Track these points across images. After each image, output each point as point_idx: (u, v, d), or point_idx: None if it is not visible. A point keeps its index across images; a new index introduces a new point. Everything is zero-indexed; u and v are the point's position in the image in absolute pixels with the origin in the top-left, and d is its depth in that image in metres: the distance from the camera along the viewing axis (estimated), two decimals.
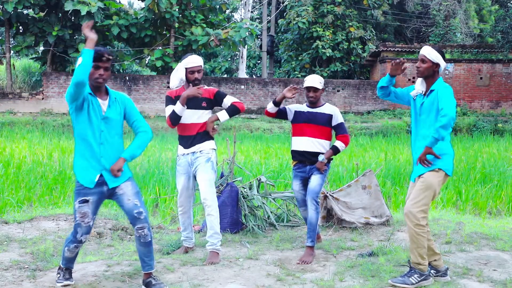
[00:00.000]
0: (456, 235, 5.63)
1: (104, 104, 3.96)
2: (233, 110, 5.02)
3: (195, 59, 4.95)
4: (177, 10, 21.87)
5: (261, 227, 6.01)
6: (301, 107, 5.28)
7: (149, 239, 4.02)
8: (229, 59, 37.13)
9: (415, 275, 4.15)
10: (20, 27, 22.52)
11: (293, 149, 5.25)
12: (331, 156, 5.16)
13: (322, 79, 5.21)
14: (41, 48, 24.09)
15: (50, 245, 5.09)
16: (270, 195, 6.42)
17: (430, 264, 4.31)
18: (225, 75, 35.41)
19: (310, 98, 5.16)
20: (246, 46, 25.71)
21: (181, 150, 5.04)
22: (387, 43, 24.63)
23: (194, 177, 5.03)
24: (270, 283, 4.25)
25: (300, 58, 28.04)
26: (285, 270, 4.58)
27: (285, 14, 29.33)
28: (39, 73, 23.88)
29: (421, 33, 31.00)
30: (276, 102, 5.16)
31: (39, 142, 14.09)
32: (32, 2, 20.62)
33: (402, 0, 29.57)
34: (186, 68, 4.94)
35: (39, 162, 9.87)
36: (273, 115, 5.27)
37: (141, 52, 22.99)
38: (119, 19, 21.97)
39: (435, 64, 4.21)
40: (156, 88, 22.49)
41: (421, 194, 4.08)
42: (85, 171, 3.92)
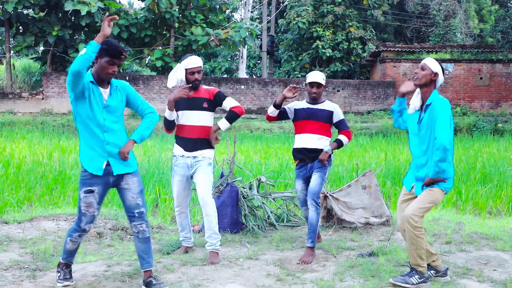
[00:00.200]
0: (456, 235, 5.63)
1: (106, 93, 3.99)
2: (233, 117, 5.01)
3: (195, 60, 4.95)
4: (177, 10, 21.87)
5: (261, 227, 6.01)
6: (301, 104, 5.28)
7: (148, 235, 4.04)
8: (229, 59, 37.14)
9: (416, 276, 4.16)
10: (20, 27, 22.52)
11: (294, 147, 5.26)
12: (334, 149, 5.19)
13: (324, 76, 5.22)
14: (41, 48, 24.10)
15: (50, 245, 5.09)
16: (270, 195, 6.42)
17: (429, 265, 4.31)
18: (225, 75, 35.41)
19: (313, 94, 5.15)
20: (246, 46, 25.72)
21: (180, 151, 5.01)
22: (387, 43, 24.63)
23: (191, 177, 5.03)
24: (270, 283, 4.25)
25: (300, 58, 28.04)
26: (285, 270, 4.58)
27: (285, 14, 29.33)
28: (39, 73, 23.88)
29: (421, 33, 31.00)
30: (277, 105, 5.16)
31: (39, 142, 14.09)
32: (32, 2, 20.62)
33: (402, 0, 29.57)
34: (186, 69, 4.94)
35: (39, 162, 9.87)
36: (275, 119, 5.27)
37: (141, 52, 22.99)
38: (119, 19, 21.97)
39: (434, 73, 4.18)
40: (156, 88, 22.49)
41: (426, 204, 4.12)
42: (92, 159, 3.94)
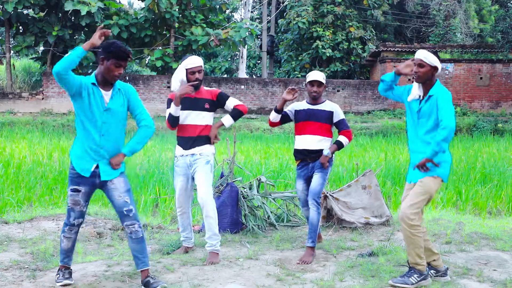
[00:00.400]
0: (456, 235, 5.63)
1: (107, 95, 3.98)
2: (237, 114, 5.03)
3: (195, 60, 4.95)
4: (177, 10, 21.86)
5: (261, 227, 6.01)
6: (301, 105, 5.27)
7: (141, 235, 4.04)
8: (229, 59, 37.13)
9: (415, 275, 4.16)
10: (20, 27, 22.51)
11: (295, 148, 5.26)
12: (335, 151, 5.18)
13: (324, 76, 5.21)
14: (41, 48, 24.09)
15: (50, 245, 5.09)
16: (270, 195, 6.42)
17: (430, 264, 4.31)
18: (225, 75, 35.41)
19: (313, 93, 5.13)
20: (246, 46, 25.71)
21: (180, 151, 5.03)
22: (387, 43, 24.63)
23: (192, 178, 5.03)
24: (270, 283, 4.24)
25: (300, 58, 28.03)
26: (285, 270, 4.58)
27: (285, 14, 29.32)
28: (39, 73, 23.87)
29: (421, 33, 31.00)
30: (278, 109, 5.16)
31: (39, 142, 14.09)
32: (32, 2, 20.61)
33: (402, 0, 29.57)
34: (187, 69, 4.94)
35: (39, 162, 9.87)
36: (278, 124, 5.28)
37: (141, 52, 22.99)
38: (119, 19, 21.96)
39: (433, 68, 4.19)
40: (156, 88, 22.49)
41: (418, 197, 4.09)
42: (82, 159, 3.97)
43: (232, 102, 5.05)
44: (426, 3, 29.51)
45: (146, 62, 24.98)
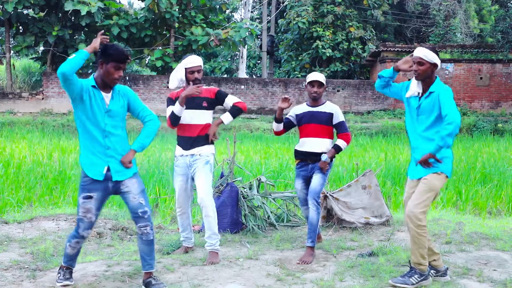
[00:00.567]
0: (456, 235, 5.63)
1: (108, 97, 3.99)
2: (236, 111, 5.02)
3: (195, 59, 4.95)
4: (177, 10, 21.86)
5: (261, 227, 6.01)
6: (301, 108, 5.27)
7: (151, 238, 4.03)
8: (229, 59, 37.13)
9: (416, 275, 4.15)
10: (20, 27, 22.51)
11: (297, 149, 5.26)
12: (333, 156, 5.16)
13: (324, 77, 5.21)
14: (41, 48, 24.09)
15: (50, 245, 5.09)
16: (270, 195, 6.42)
17: (430, 264, 4.30)
18: (225, 75, 35.40)
19: (314, 94, 5.13)
20: (246, 46, 25.71)
21: (180, 151, 5.03)
22: (387, 43, 24.63)
23: (192, 178, 5.03)
24: (270, 283, 4.24)
25: (300, 58, 28.03)
26: (285, 270, 4.58)
27: (285, 14, 29.32)
28: (39, 73, 23.87)
29: (421, 33, 30.99)
30: (278, 119, 5.17)
31: (39, 142, 14.09)
32: (32, 2, 20.61)
33: (402, 0, 29.56)
34: (186, 69, 4.94)
35: (39, 162, 9.87)
36: (283, 132, 5.29)
37: (141, 52, 22.99)
38: (119, 19, 21.96)
39: (433, 65, 4.18)
40: (156, 88, 22.49)
41: (424, 196, 4.08)
42: (93, 164, 3.94)
43: (231, 100, 5.04)
44: (426, 3, 29.50)
45: (146, 62, 24.98)
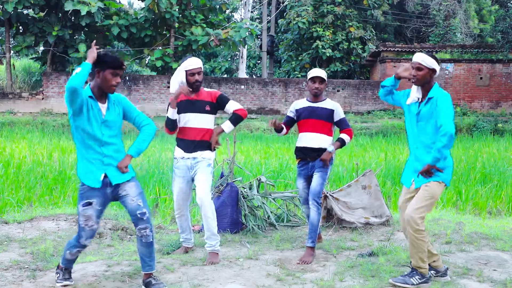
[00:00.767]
0: (456, 235, 5.63)
1: (104, 107, 3.99)
2: (237, 119, 5.01)
3: (195, 61, 4.95)
4: (177, 10, 21.85)
5: (261, 227, 6.01)
6: (301, 103, 5.27)
7: (151, 240, 4.02)
8: (229, 59, 37.12)
9: (417, 277, 4.16)
10: (20, 27, 22.51)
11: (296, 146, 5.26)
12: (337, 148, 5.18)
13: (325, 73, 5.22)
14: (41, 48, 24.08)
15: (50, 245, 5.09)
16: (270, 195, 6.42)
17: (430, 265, 4.31)
18: (225, 75, 35.40)
19: (315, 90, 5.13)
20: (246, 46, 25.70)
21: (180, 153, 5.01)
22: (387, 43, 24.63)
23: (192, 180, 5.02)
24: (270, 283, 4.25)
25: (300, 58, 28.03)
26: (285, 270, 4.58)
27: (285, 14, 29.31)
28: (39, 73, 23.87)
29: (421, 33, 30.99)
30: (277, 130, 5.18)
31: (39, 142, 14.08)
32: (32, 2, 20.61)
33: (402, 0, 29.56)
34: (186, 71, 4.93)
35: (39, 162, 9.86)
36: (287, 131, 5.29)
37: (141, 52, 22.98)
38: (119, 19, 21.96)
39: (432, 70, 4.18)
40: (156, 88, 22.49)
41: (424, 202, 4.09)
42: (90, 172, 3.95)
43: (232, 106, 5.02)
44: (426, 3, 29.50)
45: (146, 62, 24.97)
